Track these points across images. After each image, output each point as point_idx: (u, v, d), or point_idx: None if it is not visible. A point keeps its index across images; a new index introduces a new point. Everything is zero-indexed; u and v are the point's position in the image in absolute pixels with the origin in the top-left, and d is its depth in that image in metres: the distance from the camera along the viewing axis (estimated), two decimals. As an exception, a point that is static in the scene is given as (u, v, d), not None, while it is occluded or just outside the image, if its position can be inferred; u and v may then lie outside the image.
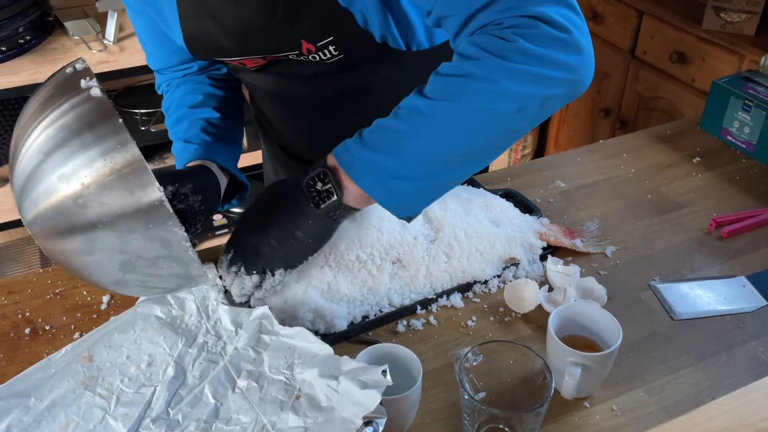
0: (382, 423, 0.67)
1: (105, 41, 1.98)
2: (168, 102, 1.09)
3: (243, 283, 0.86)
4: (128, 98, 2.22)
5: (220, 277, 0.89)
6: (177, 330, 0.86)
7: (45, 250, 0.76)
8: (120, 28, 2.01)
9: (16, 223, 1.98)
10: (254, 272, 0.86)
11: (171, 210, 0.70)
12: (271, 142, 1.25)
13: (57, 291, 0.99)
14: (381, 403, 0.68)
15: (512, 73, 0.73)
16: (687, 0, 2.06)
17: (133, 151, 0.69)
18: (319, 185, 0.80)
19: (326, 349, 0.78)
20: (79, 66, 0.73)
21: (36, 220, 0.72)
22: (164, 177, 0.87)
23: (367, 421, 0.67)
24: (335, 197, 0.79)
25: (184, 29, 0.93)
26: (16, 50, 1.90)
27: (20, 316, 0.95)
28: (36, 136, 0.70)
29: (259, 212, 0.88)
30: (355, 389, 0.70)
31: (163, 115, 1.09)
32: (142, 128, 2.08)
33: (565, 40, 0.73)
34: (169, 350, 0.83)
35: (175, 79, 1.10)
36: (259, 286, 0.87)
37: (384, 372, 0.70)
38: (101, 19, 2.02)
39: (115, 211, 0.69)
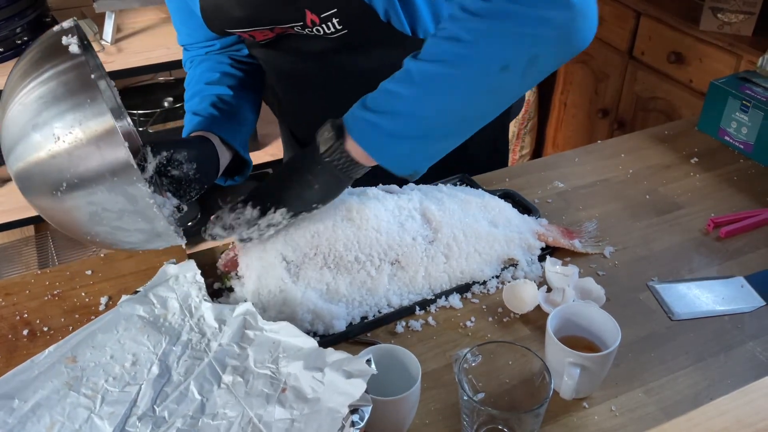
0: (367, 410, 0.68)
1: (103, 42, 1.97)
2: (189, 78, 1.14)
3: (242, 213, 0.87)
4: (126, 99, 2.20)
5: (202, 273, 0.90)
6: (160, 329, 0.86)
7: (30, 204, 0.80)
8: (118, 29, 2.01)
9: (14, 225, 1.97)
10: (258, 206, 0.87)
11: (135, 166, 0.74)
12: (285, 128, 1.29)
13: (55, 292, 0.99)
14: (366, 391, 0.69)
15: (492, 32, 0.74)
16: (684, 1, 2.06)
17: (105, 113, 0.72)
18: (326, 134, 0.84)
19: (310, 342, 0.78)
20: (66, 25, 0.78)
21: (18, 175, 0.77)
22: (161, 143, 0.90)
23: (353, 409, 0.68)
24: (334, 141, 0.83)
25: (202, 1, 0.98)
26: (13, 51, 1.90)
27: (18, 317, 0.95)
28: (21, 98, 0.75)
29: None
30: (340, 379, 0.71)
31: (161, 116, 1.11)
32: (140, 129, 2.08)
33: None
34: (153, 349, 0.83)
35: (198, 56, 1.15)
36: (255, 223, 0.87)
37: (368, 361, 0.71)
38: (99, 20, 2.02)
39: (83, 164, 0.73)
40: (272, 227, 0.88)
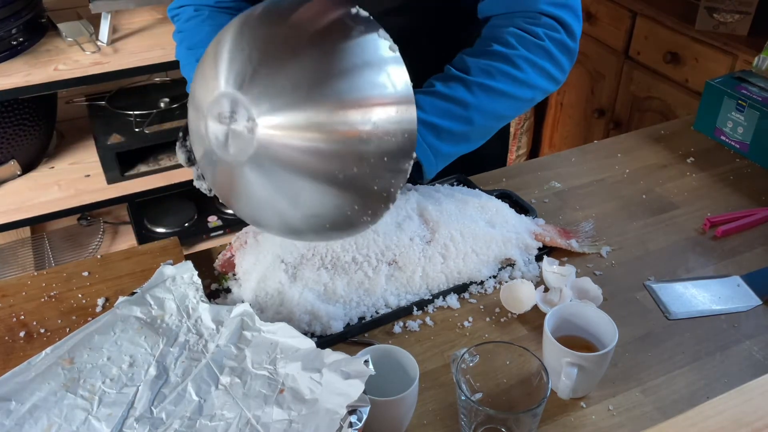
0: (365, 411, 0.68)
1: (99, 43, 1.97)
2: (191, 31, 1.02)
3: None
4: (122, 100, 2.21)
5: (199, 274, 0.89)
6: (158, 330, 0.86)
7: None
8: (114, 29, 2.01)
9: (10, 226, 1.97)
10: None
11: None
12: None
13: (52, 294, 0.98)
14: (364, 392, 0.69)
15: (536, 67, 0.87)
16: (680, 1, 2.06)
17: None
18: None
19: (308, 343, 0.78)
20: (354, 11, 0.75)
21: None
22: (186, 127, 0.87)
23: (351, 410, 0.68)
24: None
25: None
26: (8, 52, 1.89)
27: (15, 319, 0.94)
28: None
29: None
30: (338, 380, 0.71)
31: (157, 117, 1.08)
32: (137, 130, 2.07)
33: (571, 50, 0.88)
34: (150, 350, 0.83)
35: (206, 8, 1.04)
36: None
37: (366, 362, 0.71)
38: (95, 21, 2.01)
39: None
40: None
